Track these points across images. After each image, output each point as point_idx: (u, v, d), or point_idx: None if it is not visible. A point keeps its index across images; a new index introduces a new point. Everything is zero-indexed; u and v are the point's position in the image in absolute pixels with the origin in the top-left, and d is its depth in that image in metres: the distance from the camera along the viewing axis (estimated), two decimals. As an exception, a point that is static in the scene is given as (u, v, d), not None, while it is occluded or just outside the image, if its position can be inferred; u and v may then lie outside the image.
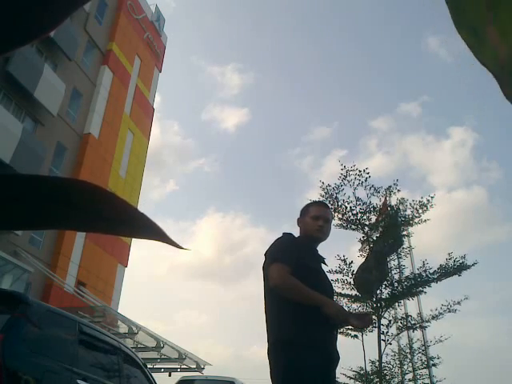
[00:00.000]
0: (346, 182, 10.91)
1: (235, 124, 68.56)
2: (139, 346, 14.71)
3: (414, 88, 69.51)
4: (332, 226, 2.65)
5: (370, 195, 11.04)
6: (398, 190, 11.29)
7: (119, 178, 21.46)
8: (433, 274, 10.75)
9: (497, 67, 0.33)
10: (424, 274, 10.83)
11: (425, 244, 37.37)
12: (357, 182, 10.88)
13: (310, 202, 2.68)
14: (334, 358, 2.22)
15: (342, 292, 11.30)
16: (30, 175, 0.35)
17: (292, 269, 2.19)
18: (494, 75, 0.33)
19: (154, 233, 0.35)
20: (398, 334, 11.34)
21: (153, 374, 4.88)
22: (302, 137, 70.33)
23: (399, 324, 11.13)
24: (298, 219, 2.57)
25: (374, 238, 11.25)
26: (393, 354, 11.74)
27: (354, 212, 11.05)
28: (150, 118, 25.38)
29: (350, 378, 12.01)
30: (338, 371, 11.43)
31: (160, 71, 26.83)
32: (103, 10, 21.34)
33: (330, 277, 2.67)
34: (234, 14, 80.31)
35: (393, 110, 65.19)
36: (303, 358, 2.05)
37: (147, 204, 48.41)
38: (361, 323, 2.17)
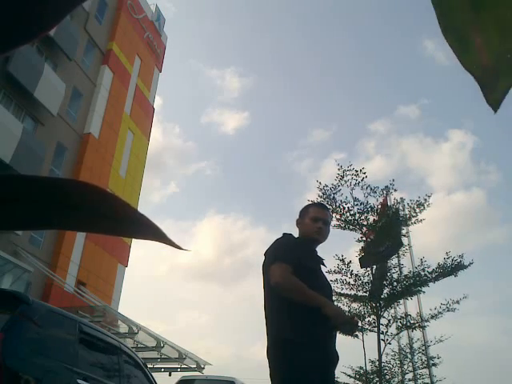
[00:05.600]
0: (342, 182, 10.92)
1: (235, 127, 68.72)
2: (139, 345, 14.71)
3: (413, 91, 69.56)
4: (330, 227, 2.66)
5: (367, 195, 11.05)
6: (395, 190, 11.31)
7: (119, 178, 21.44)
8: (431, 273, 10.76)
9: (480, 72, 0.33)
10: (422, 273, 10.84)
11: (424, 245, 37.38)
12: (353, 182, 10.89)
13: (309, 203, 2.67)
14: (333, 358, 2.22)
15: (342, 292, 11.31)
16: (30, 176, 0.35)
17: (294, 268, 2.19)
18: (477, 80, 0.33)
19: (154, 234, 0.35)
20: (398, 333, 11.35)
21: (153, 374, 4.88)
22: (301, 139, 70.43)
23: (399, 323, 11.14)
24: (297, 220, 2.56)
25: (372, 238, 11.25)
26: (393, 353, 11.76)
27: (352, 212, 11.06)
28: (150, 117, 25.36)
29: (350, 377, 12.02)
30: (339, 370, 11.43)
31: (160, 71, 26.81)
32: (103, 10, 21.33)
33: (329, 277, 2.68)
34: (233, 18, 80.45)
35: (391, 113, 65.24)
36: (303, 357, 2.06)
37: (148, 205, 48.46)
38: (347, 330, 2.22)
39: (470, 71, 0.33)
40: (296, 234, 2.54)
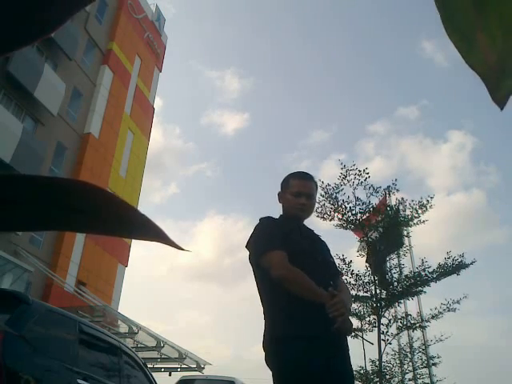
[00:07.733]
0: (345, 181, 10.91)
1: (235, 128, 68.83)
2: (139, 345, 14.70)
3: (413, 92, 69.58)
4: (316, 201, 2.39)
5: (369, 195, 11.03)
6: (397, 190, 11.28)
7: (119, 178, 21.44)
8: (432, 273, 10.75)
9: (485, 71, 0.33)
10: (423, 274, 10.83)
11: (424, 246, 37.32)
12: (356, 182, 10.88)
13: (290, 173, 2.31)
14: (342, 349, 2.01)
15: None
16: (29, 176, 0.35)
17: (288, 254, 2.01)
18: (482, 79, 0.33)
19: (155, 234, 0.35)
20: (398, 333, 11.34)
21: (153, 374, 4.87)
22: (301, 140, 70.58)
23: (399, 323, 11.13)
24: (279, 194, 2.30)
25: (374, 238, 11.24)
26: (393, 353, 11.75)
27: (354, 212, 11.05)
28: (150, 117, 25.35)
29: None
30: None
31: (160, 71, 26.80)
32: (103, 10, 21.32)
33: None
34: (232, 19, 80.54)
35: (391, 114, 65.26)
36: (303, 353, 1.89)
37: (148, 206, 48.46)
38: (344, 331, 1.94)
39: (475, 70, 0.33)
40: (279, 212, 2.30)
